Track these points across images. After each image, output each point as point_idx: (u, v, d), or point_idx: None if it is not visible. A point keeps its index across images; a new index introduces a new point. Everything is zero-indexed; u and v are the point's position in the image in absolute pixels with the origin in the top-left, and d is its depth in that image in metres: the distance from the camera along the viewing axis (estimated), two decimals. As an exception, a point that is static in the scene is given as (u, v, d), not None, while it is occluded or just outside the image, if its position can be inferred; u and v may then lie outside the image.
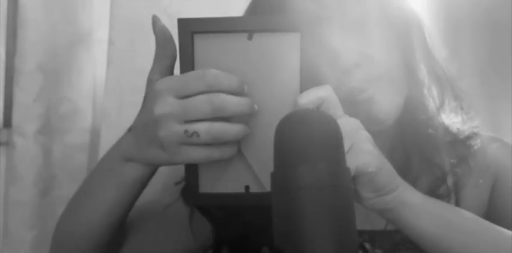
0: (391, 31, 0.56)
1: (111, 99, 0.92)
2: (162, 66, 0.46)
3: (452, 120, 0.63)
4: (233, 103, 0.40)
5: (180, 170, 0.50)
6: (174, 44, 0.45)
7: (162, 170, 0.76)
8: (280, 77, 0.43)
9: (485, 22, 0.98)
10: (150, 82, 0.46)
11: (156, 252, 0.64)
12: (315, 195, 0.33)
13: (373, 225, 0.59)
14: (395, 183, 0.45)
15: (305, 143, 0.34)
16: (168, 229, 0.64)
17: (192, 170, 0.45)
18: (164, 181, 0.79)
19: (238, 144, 0.43)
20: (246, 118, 0.42)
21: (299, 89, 0.43)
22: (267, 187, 0.44)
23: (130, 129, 0.47)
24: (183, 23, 0.43)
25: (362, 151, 0.42)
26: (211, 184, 0.45)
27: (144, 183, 0.49)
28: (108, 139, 0.91)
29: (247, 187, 0.45)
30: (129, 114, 0.47)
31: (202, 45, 0.43)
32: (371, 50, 0.54)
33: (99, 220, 0.51)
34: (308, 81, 0.43)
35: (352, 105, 0.47)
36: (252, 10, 0.59)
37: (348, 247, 0.32)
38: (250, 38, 0.43)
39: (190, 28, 0.43)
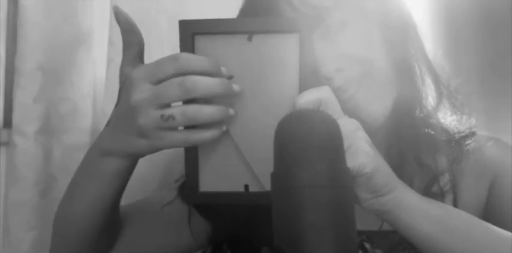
0: (385, 33, 0.56)
1: (111, 100, 0.91)
2: (131, 55, 0.47)
3: (448, 119, 0.63)
4: (204, 84, 0.40)
5: (179, 167, 0.51)
6: (138, 30, 0.47)
7: (161, 167, 0.76)
8: (280, 77, 0.43)
9: (485, 22, 0.97)
10: (122, 75, 0.47)
11: (151, 246, 0.64)
12: (314, 195, 0.33)
13: (369, 226, 0.59)
14: (392, 184, 0.45)
15: (305, 143, 0.34)
16: (166, 225, 0.65)
17: (192, 169, 0.45)
18: (162, 178, 0.79)
19: (222, 127, 0.44)
20: (229, 100, 0.43)
21: (298, 90, 0.43)
22: (267, 186, 0.44)
23: (107, 123, 0.48)
24: (184, 25, 0.44)
25: (359, 152, 0.42)
26: (211, 183, 0.45)
27: (124, 175, 0.50)
28: (108, 139, 0.91)
29: (246, 187, 0.45)
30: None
31: (203, 46, 0.44)
32: (353, 53, 0.54)
33: (87, 209, 0.52)
34: (307, 82, 0.43)
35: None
36: (245, 11, 0.59)
37: (348, 247, 0.32)
38: (250, 39, 0.43)
39: (191, 29, 0.43)
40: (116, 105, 0.47)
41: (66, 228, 0.55)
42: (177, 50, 0.44)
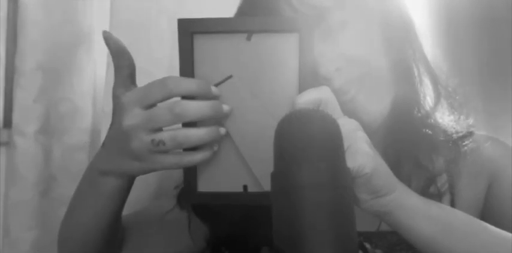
0: (384, 33, 0.56)
1: (111, 99, 0.91)
2: (123, 78, 0.47)
3: (446, 119, 0.63)
4: (193, 108, 0.41)
5: (178, 175, 0.51)
6: (128, 53, 0.48)
7: (159, 175, 0.76)
8: (279, 77, 0.43)
9: (484, 22, 0.97)
10: (115, 97, 0.47)
11: None
12: (314, 195, 0.33)
13: (366, 226, 0.59)
14: (392, 185, 0.45)
15: (305, 143, 0.34)
16: (167, 233, 0.65)
17: (190, 169, 0.45)
18: (161, 185, 0.79)
19: (214, 147, 0.44)
20: (218, 120, 0.43)
21: (297, 90, 0.43)
22: (265, 186, 0.44)
23: (103, 145, 0.49)
24: (182, 23, 0.43)
25: (358, 153, 0.42)
26: (209, 184, 0.45)
27: (122, 193, 0.51)
28: (108, 139, 0.91)
29: (245, 187, 0.45)
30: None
31: (202, 45, 0.44)
32: (353, 53, 0.54)
33: (89, 226, 0.53)
34: (306, 81, 0.43)
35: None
36: (243, 10, 0.59)
37: (348, 247, 0.32)
38: (249, 38, 0.43)
39: (190, 28, 0.43)
40: (111, 126, 0.48)
41: (71, 244, 0.56)
42: (177, 49, 0.44)
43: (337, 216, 0.33)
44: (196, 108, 0.41)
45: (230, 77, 0.44)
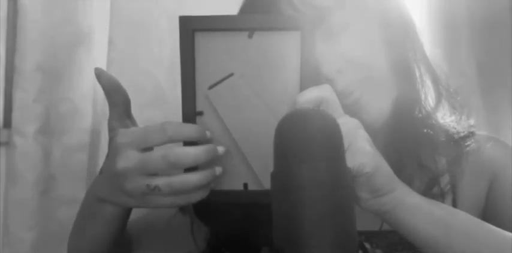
0: (385, 33, 0.56)
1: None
2: (118, 113, 0.47)
3: (447, 119, 0.63)
4: (189, 156, 0.41)
5: None
6: (123, 90, 0.47)
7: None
8: (280, 75, 0.43)
9: (484, 22, 0.98)
10: (110, 129, 0.47)
11: None
12: (315, 194, 0.33)
13: (368, 226, 0.59)
14: (392, 184, 0.45)
15: (305, 142, 0.34)
16: (170, 238, 0.65)
17: (190, 169, 0.45)
18: None
19: (209, 188, 0.44)
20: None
21: (299, 88, 0.43)
22: (266, 185, 0.44)
23: (101, 172, 0.48)
24: (184, 21, 0.43)
25: (359, 152, 0.42)
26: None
27: (122, 219, 0.50)
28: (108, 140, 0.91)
29: (245, 185, 0.45)
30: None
31: (203, 43, 0.43)
32: (355, 54, 0.54)
33: (93, 245, 0.52)
34: (308, 80, 0.43)
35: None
36: (245, 10, 0.59)
37: (348, 247, 0.32)
38: (250, 36, 0.43)
39: (191, 26, 0.43)
40: (106, 159, 0.46)
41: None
42: (178, 49, 0.44)
43: (338, 215, 0.32)
44: (191, 155, 0.41)
45: (231, 74, 0.43)
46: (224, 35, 0.43)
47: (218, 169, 0.43)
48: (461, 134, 0.63)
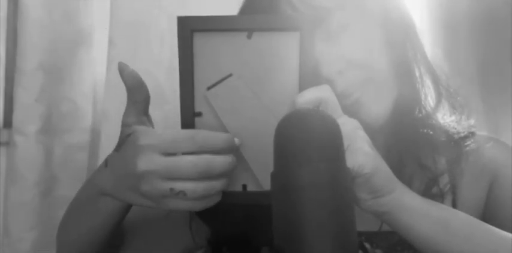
0: (385, 34, 0.56)
1: (111, 99, 0.92)
2: (136, 110, 0.46)
3: (447, 120, 0.62)
4: (218, 165, 0.41)
5: None
6: (145, 87, 0.46)
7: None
8: (279, 76, 0.43)
9: (484, 22, 0.97)
10: (125, 125, 0.46)
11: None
12: (314, 195, 0.33)
13: (368, 226, 0.59)
14: (392, 185, 0.45)
15: (305, 143, 0.34)
16: (168, 232, 0.65)
17: None
18: None
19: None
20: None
21: (298, 88, 0.43)
22: (265, 186, 0.44)
23: (107, 164, 0.47)
24: (182, 21, 0.43)
25: (358, 152, 0.42)
26: None
27: (122, 212, 0.50)
28: (108, 139, 0.92)
29: (244, 186, 0.45)
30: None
31: (202, 43, 0.43)
32: (355, 55, 0.54)
33: (85, 238, 0.52)
34: (307, 80, 0.43)
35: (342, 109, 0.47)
36: (245, 11, 0.59)
37: (348, 247, 0.32)
38: (249, 36, 0.43)
39: (189, 26, 0.43)
40: (116, 149, 0.46)
41: (69, 246, 0.55)
42: (177, 49, 0.44)
43: (337, 215, 0.32)
44: (221, 165, 0.41)
45: (230, 75, 0.43)
46: (223, 35, 0.43)
47: (228, 180, 0.43)
48: (461, 134, 0.63)
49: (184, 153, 0.41)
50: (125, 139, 0.45)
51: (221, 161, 0.41)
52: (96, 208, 0.49)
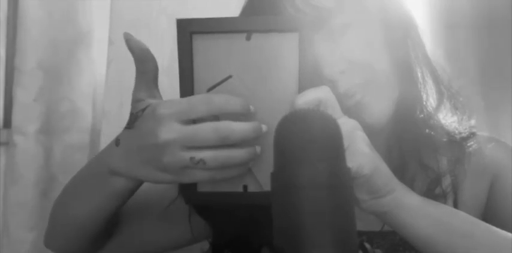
0: (386, 34, 0.56)
1: (111, 99, 0.92)
2: (146, 82, 0.46)
3: (449, 120, 0.62)
4: (239, 130, 0.40)
5: None
6: (152, 56, 0.46)
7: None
8: (279, 77, 0.43)
9: (485, 22, 0.97)
10: (136, 100, 0.46)
11: (149, 244, 0.64)
12: (315, 194, 0.33)
13: (370, 226, 0.58)
14: (391, 185, 0.45)
15: (305, 143, 0.34)
16: (165, 223, 0.65)
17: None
18: None
19: (247, 166, 0.43)
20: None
21: (297, 89, 0.43)
22: (265, 186, 0.44)
23: (117, 143, 0.46)
24: (181, 24, 0.43)
25: (357, 153, 0.42)
26: (209, 183, 0.45)
27: (129, 194, 0.50)
28: (108, 139, 0.91)
29: (245, 187, 0.45)
30: (129, 114, 0.47)
31: (201, 45, 0.43)
32: (357, 55, 0.54)
33: (85, 217, 0.52)
34: (306, 81, 0.43)
35: (343, 110, 0.47)
36: (247, 11, 0.59)
37: (348, 247, 0.32)
38: (248, 38, 0.43)
39: (189, 28, 0.43)
40: (128, 127, 0.45)
41: (63, 224, 0.55)
42: (177, 50, 0.44)
43: (337, 215, 0.32)
44: (241, 131, 0.40)
45: (230, 77, 0.43)
46: (222, 37, 0.43)
47: (258, 148, 0.42)
48: (463, 135, 0.63)
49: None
50: (138, 114, 0.44)
51: (241, 128, 0.40)
52: (103, 187, 0.49)
